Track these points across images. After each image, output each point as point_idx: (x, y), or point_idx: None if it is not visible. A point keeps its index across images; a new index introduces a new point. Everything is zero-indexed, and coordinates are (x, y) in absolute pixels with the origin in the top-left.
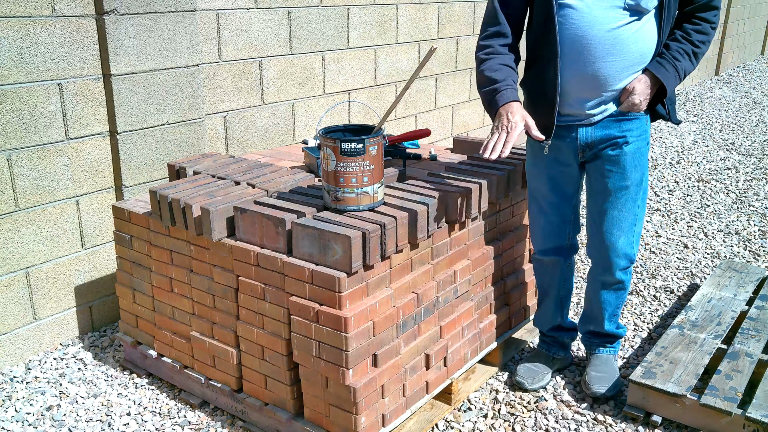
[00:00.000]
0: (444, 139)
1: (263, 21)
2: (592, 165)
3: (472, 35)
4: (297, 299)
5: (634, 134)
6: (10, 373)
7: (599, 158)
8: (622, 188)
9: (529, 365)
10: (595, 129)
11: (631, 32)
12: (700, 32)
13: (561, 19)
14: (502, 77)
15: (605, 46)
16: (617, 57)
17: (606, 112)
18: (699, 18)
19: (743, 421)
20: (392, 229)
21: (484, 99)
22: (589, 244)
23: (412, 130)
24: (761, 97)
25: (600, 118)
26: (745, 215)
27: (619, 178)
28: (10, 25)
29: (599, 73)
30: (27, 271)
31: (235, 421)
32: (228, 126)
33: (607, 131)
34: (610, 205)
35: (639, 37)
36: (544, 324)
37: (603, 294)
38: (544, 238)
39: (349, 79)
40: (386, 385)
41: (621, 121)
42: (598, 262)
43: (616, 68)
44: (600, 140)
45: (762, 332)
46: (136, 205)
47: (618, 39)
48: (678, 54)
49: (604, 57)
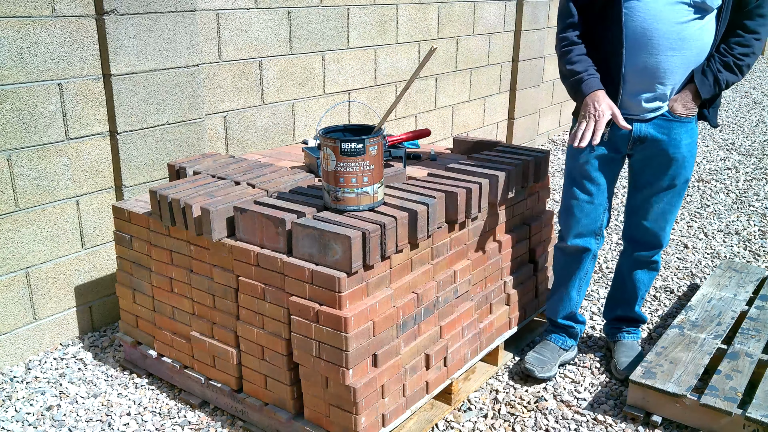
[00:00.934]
0: (444, 139)
1: (263, 21)
2: (643, 161)
3: (472, 35)
4: (297, 299)
5: (685, 137)
6: (10, 373)
7: (651, 156)
8: (671, 186)
9: (537, 354)
10: (648, 125)
11: (695, 29)
12: (741, 44)
13: (627, 11)
14: (584, 68)
15: (669, 41)
16: (678, 52)
17: (660, 110)
18: (743, 27)
19: (743, 421)
20: (392, 229)
21: (570, 89)
22: (631, 229)
23: (412, 130)
24: (761, 97)
25: (654, 116)
26: (745, 215)
27: (670, 178)
28: (10, 25)
29: (660, 66)
30: (27, 271)
31: (235, 421)
32: (228, 126)
33: (660, 130)
34: (659, 199)
35: (701, 35)
36: (559, 312)
37: (638, 274)
38: (581, 221)
39: (349, 79)
40: (386, 385)
41: (672, 122)
42: (639, 245)
43: (676, 63)
44: (652, 137)
45: (762, 332)
46: (136, 205)
47: (682, 34)
48: (721, 66)
49: (666, 51)
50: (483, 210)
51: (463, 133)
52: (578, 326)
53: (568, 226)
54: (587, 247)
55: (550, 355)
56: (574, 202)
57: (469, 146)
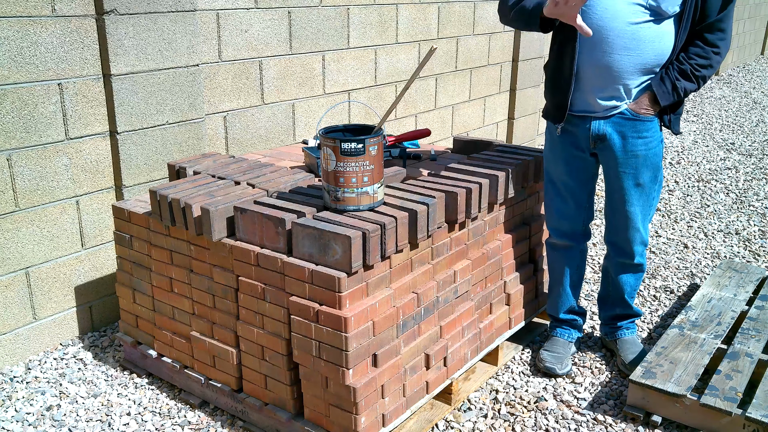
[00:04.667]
0: (444, 139)
1: (263, 21)
2: (606, 161)
3: (472, 35)
4: (297, 299)
5: (645, 135)
6: (10, 373)
7: (613, 155)
8: (637, 186)
9: (551, 352)
10: (606, 123)
11: (650, 31)
12: (700, 56)
13: (584, 8)
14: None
15: (623, 40)
16: (632, 52)
17: (617, 109)
18: (704, 39)
19: (743, 421)
20: (392, 229)
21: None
22: (610, 234)
23: (412, 130)
24: (761, 97)
25: (612, 114)
26: (745, 215)
27: (634, 178)
28: (10, 25)
29: (613, 65)
30: (27, 271)
31: (235, 421)
32: (228, 126)
33: (617, 127)
34: (629, 202)
35: (656, 38)
36: (559, 308)
37: (624, 277)
38: (559, 220)
39: (349, 79)
40: (386, 385)
41: (630, 120)
42: (618, 249)
43: (630, 63)
44: (610, 135)
45: (762, 332)
46: (136, 205)
47: (636, 35)
48: (678, 74)
49: (620, 50)
50: (483, 210)
51: (463, 133)
52: (580, 318)
53: (552, 225)
54: (570, 244)
55: (563, 350)
56: (553, 204)
57: (469, 146)
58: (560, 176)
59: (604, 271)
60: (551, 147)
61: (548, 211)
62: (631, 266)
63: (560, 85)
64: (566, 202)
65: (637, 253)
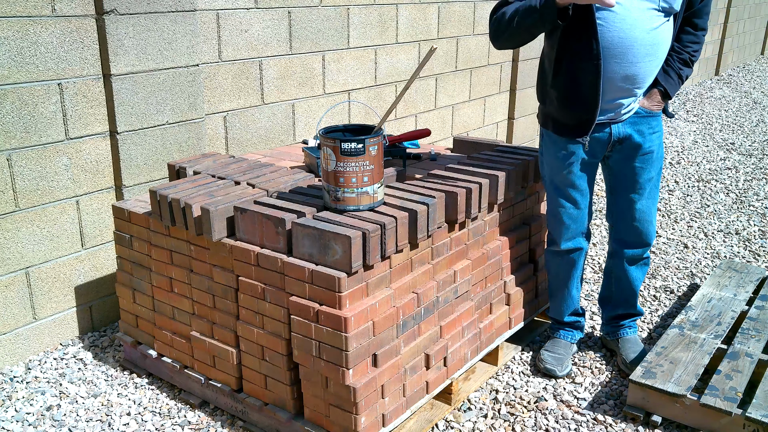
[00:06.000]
0: (444, 139)
1: (263, 21)
2: (621, 161)
3: (472, 35)
4: (297, 299)
5: (656, 128)
6: (10, 373)
7: (630, 154)
8: (650, 179)
9: (552, 353)
10: (625, 125)
11: (664, 33)
12: (693, 42)
13: (601, 22)
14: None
15: (645, 47)
16: (654, 57)
17: (633, 110)
18: (693, 25)
19: (743, 421)
20: (392, 229)
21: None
22: (620, 233)
23: (412, 130)
24: (761, 97)
25: (629, 116)
26: (745, 215)
27: (648, 172)
28: (10, 25)
29: (638, 72)
30: (27, 271)
31: (235, 421)
32: (228, 126)
33: (634, 126)
34: (641, 196)
35: (667, 37)
36: (564, 312)
37: (632, 271)
38: (570, 227)
39: (349, 79)
40: (386, 385)
41: (647, 118)
42: (629, 244)
43: (652, 67)
44: (630, 135)
45: (762, 332)
46: (136, 205)
47: (655, 39)
48: (680, 63)
49: (644, 57)
50: (483, 210)
51: (463, 133)
52: (582, 319)
53: (559, 233)
54: (580, 247)
55: (564, 351)
56: (562, 210)
57: (469, 146)
58: (568, 183)
59: (608, 271)
60: (558, 157)
61: (555, 220)
62: (641, 259)
63: (582, 101)
64: (576, 206)
65: (650, 244)
